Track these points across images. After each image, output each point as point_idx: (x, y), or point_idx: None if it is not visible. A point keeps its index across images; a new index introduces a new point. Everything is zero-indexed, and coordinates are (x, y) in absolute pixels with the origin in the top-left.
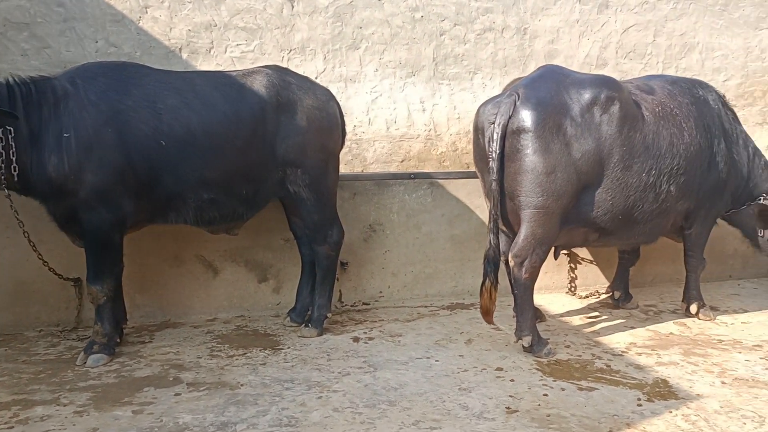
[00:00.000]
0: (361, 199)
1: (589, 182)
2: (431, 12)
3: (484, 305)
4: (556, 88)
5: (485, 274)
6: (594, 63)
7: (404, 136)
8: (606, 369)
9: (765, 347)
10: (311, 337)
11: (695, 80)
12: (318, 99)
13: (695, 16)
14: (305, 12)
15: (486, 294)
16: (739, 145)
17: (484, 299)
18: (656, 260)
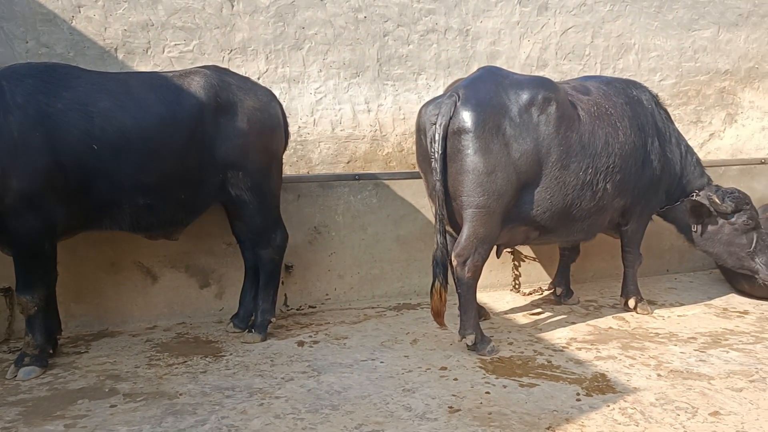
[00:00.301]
0: (306, 201)
1: (529, 181)
2: (374, 13)
3: (434, 307)
4: (495, 89)
5: (434, 276)
6: (535, 64)
7: (350, 137)
8: (547, 365)
9: (699, 339)
10: (255, 343)
11: (629, 81)
12: (259, 100)
13: (631, 17)
14: (246, 11)
15: (436, 295)
16: (672, 143)
17: (434, 301)
18: (596, 256)
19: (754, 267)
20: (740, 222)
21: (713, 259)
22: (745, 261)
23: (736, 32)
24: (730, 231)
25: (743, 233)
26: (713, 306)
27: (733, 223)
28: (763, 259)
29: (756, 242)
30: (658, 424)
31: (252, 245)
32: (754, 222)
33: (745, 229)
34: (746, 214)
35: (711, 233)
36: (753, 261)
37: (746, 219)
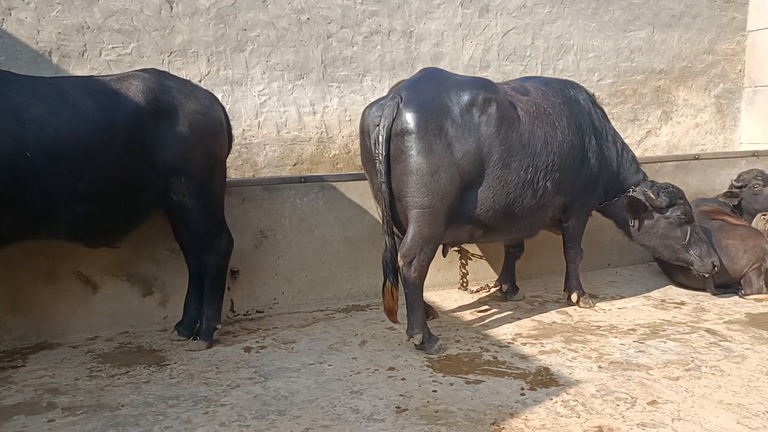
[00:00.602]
0: (251, 205)
1: (472, 181)
2: (317, 14)
3: (387, 306)
4: (437, 90)
5: (385, 276)
6: (478, 65)
7: (296, 139)
8: (493, 361)
9: (638, 331)
10: (200, 350)
11: (567, 81)
12: (200, 103)
13: (569, 19)
14: (185, 13)
15: (388, 294)
16: (608, 141)
17: (387, 300)
18: (541, 253)
19: (689, 259)
20: (675, 216)
21: (650, 252)
22: (680, 253)
23: (670, 32)
24: (665, 225)
25: (678, 226)
26: (652, 298)
27: (668, 217)
28: (696, 251)
29: (690, 235)
30: (598, 415)
31: (196, 251)
32: (688, 216)
33: (680, 222)
34: (680, 209)
35: (647, 227)
36: (687, 253)
37: (680, 213)
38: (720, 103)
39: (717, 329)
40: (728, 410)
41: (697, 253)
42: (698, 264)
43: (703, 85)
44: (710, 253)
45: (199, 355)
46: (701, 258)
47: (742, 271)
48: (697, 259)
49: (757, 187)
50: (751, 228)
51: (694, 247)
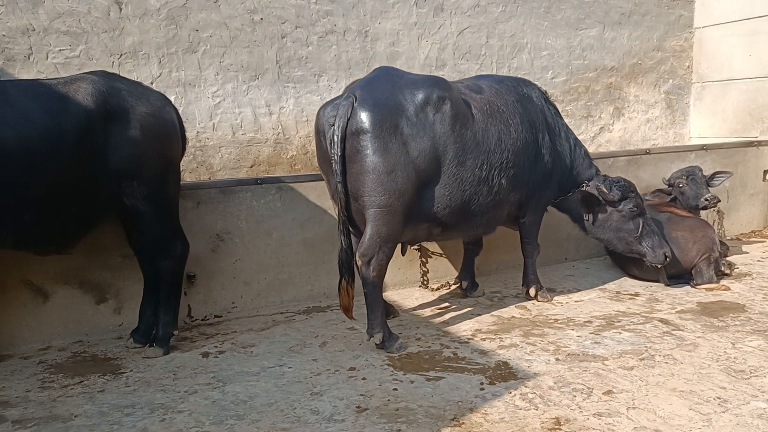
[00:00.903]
0: (206, 208)
1: (428, 179)
2: (271, 14)
3: (342, 303)
4: (391, 89)
5: (341, 275)
6: (434, 64)
7: (252, 140)
8: (453, 357)
9: (595, 322)
10: (157, 357)
11: (520, 79)
12: (152, 105)
13: (522, 18)
14: (135, 15)
15: (343, 292)
16: (561, 137)
17: (342, 297)
18: (499, 248)
19: (642, 250)
20: (627, 209)
21: (605, 245)
22: (633, 245)
23: (620, 30)
24: (618, 218)
25: (630, 219)
26: (607, 290)
27: (620, 210)
28: (649, 243)
29: (642, 227)
30: (556, 407)
31: (150, 256)
32: (640, 208)
33: (632, 215)
34: (632, 202)
35: (601, 221)
36: (640, 245)
37: (632, 206)
38: (670, 98)
39: (670, 319)
40: (681, 397)
41: (649, 245)
42: (651, 255)
43: (653, 82)
44: (662, 245)
45: (156, 362)
46: (653, 249)
47: (693, 262)
48: (650, 250)
49: (681, 185)
50: (699, 219)
51: (646, 239)
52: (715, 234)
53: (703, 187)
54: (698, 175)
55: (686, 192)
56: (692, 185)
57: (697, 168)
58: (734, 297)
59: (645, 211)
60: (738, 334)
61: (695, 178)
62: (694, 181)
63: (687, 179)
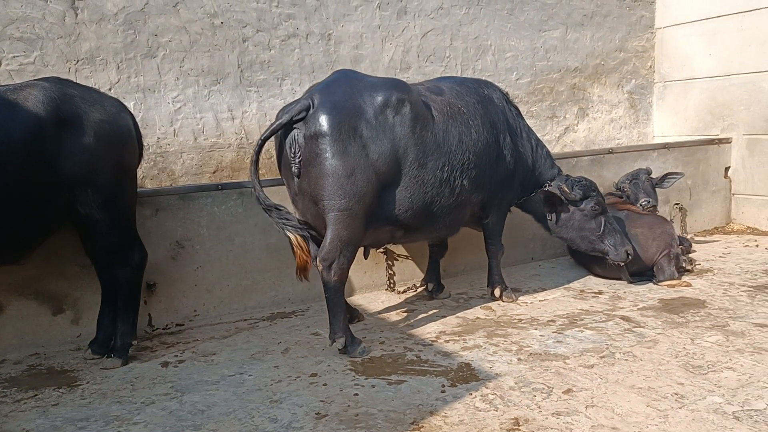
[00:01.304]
0: (165, 215)
1: (389, 182)
2: (231, 18)
3: (300, 262)
4: (350, 92)
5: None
6: (398, 67)
7: (214, 145)
8: (416, 360)
9: (558, 321)
10: (115, 368)
11: (481, 80)
12: (106, 112)
13: (486, 20)
14: (92, 20)
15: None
16: (523, 138)
17: (299, 255)
18: (466, 249)
19: (604, 249)
20: (588, 208)
21: (568, 244)
22: (596, 244)
23: (583, 31)
24: (580, 217)
25: (592, 218)
26: (572, 289)
27: (582, 210)
28: (611, 241)
29: (604, 226)
30: (515, 407)
31: (107, 265)
32: (601, 207)
33: (594, 214)
34: (593, 200)
35: (564, 220)
36: (603, 243)
37: (594, 204)
38: (633, 98)
39: (631, 316)
40: (639, 394)
41: (611, 243)
42: (613, 253)
43: (616, 82)
44: (624, 242)
45: (114, 373)
46: (616, 247)
47: (654, 258)
48: (612, 248)
49: (625, 190)
50: (657, 216)
51: (608, 237)
52: (673, 230)
53: (641, 192)
54: (641, 178)
55: (630, 196)
56: (634, 189)
57: (643, 171)
58: (695, 293)
59: (606, 209)
60: (697, 329)
61: (638, 181)
62: (636, 184)
63: (630, 183)
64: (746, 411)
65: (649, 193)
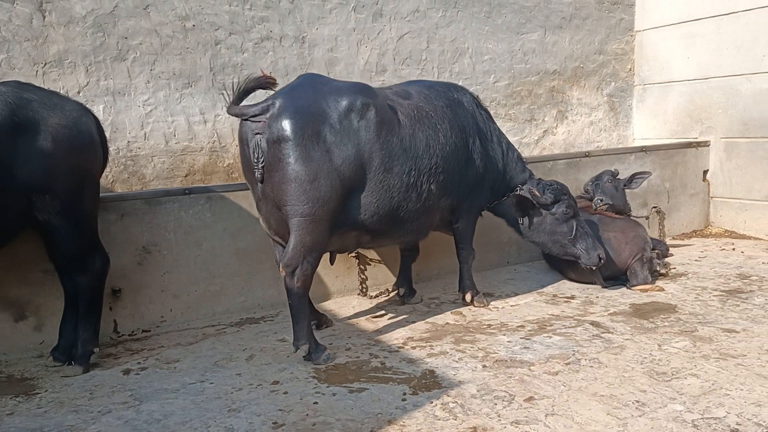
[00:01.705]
0: (131, 220)
1: (354, 187)
2: (203, 21)
3: None
4: (314, 96)
5: None
6: (374, 70)
7: (186, 149)
8: (380, 367)
9: (527, 327)
10: (76, 376)
11: (451, 84)
12: (66, 116)
13: (463, 23)
14: (60, 22)
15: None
16: (493, 142)
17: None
18: (440, 253)
19: (576, 253)
20: (560, 211)
21: (540, 248)
22: (567, 248)
23: (561, 34)
24: (552, 221)
25: (564, 222)
26: (545, 293)
27: (554, 213)
28: (583, 245)
29: (576, 229)
30: (475, 416)
31: (68, 272)
32: (573, 210)
33: (565, 217)
34: (565, 204)
35: (536, 224)
36: (575, 247)
37: (565, 208)
38: (612, 101)
39: (601, 321)
40: (600, 402)
41: (583, 247)
42: (585, 257)
43: (595, 85)
44: (596, 246)
45: (74, 381)
46: (587, 251)
47: (627, 263)
48: (584, 252)
49: (588, 192)
50: (629, 219)
51: (580, 241)
52: (647, 233)
53: (599, 191)
54: (603, 179)
55: (592, 197)
56: (594, 189)
57: (607, 172)
58: (667, 298)
59: (578, 213)
60: (666, 335)
61: (599, 182)
62: (597, 185)
63: (592, 184)
64: (706, 419)
65: (610, 193)
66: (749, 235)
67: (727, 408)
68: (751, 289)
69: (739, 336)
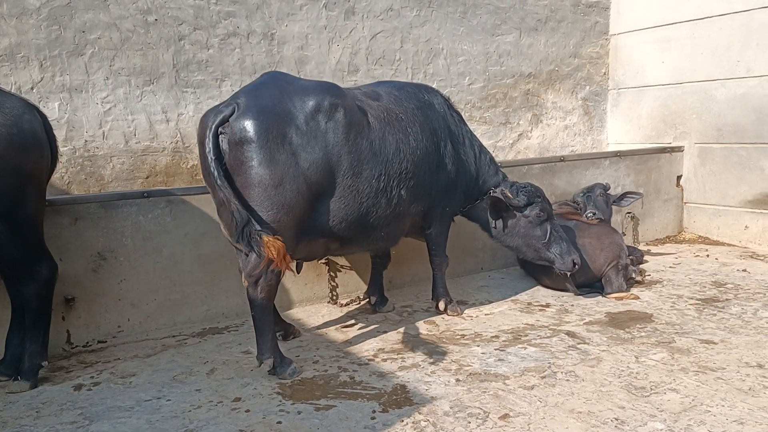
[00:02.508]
0: (85, 225)
1: (321, 192)
2: (166, 15)
3: (276, 257)
4: (279, 95)
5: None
6: (346, 69)
7: (147, 149)
8: (349, 381)
9: (501, 337)
10: (22, 392)
11: (421, 85)
12: (4, 114)
13: (438, 23)
14: (12, 14)
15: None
16: (465, 145)
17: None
18: (413, 260)
19: (550, 257)
20: (533, 214)
21: (515, 252)
22: (541, 252)
23: (537, 37)
24: (525, 224)
25: (537, 225)
26: (519, 301)
27: (527, 216)
28: (557, 249)
29: (550, 233)
30: None
31: (12, 281)
32: (547, 213)
33: (539, 220)
34: (538, 206)
35: (510, 227)
36: (549, 251)
37: (539, 211)
38: (587, 105)
39: (577, 331)
40: (578, 419)
41: (558, 251)
42: (559, 262)
43: (570, 88)
44: (570, 251)
45: (20, 397)
46: (562, 256)
47: (602, 270)
48: (558, 257)
49: (578, 202)
50: (606, 226)
51: (554, 246)
52: (622, 240)
53: (590, 204)
54: (596, 192)
55: (582, 208)
56: (585, 201)
57: (599, 185)
58: (643, 306)
59: (552, 216)
60: (643, 346)
61: (590, 195)
62: (589, 197)
63: (583, 196)
64: None
65: (601, 208)
66: (723, 241)
67: (709, 426)
68: (727, 298)
69: (717, 347)
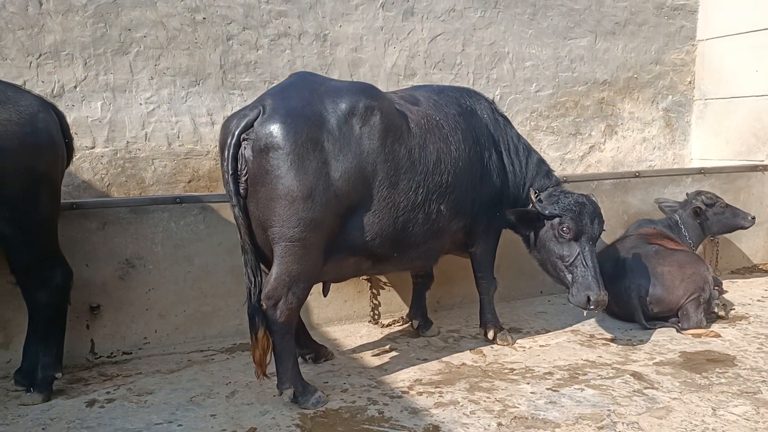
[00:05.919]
0: (114, 230)
1: (353, 205)
2: (215, 14)
3: (254, 357)
4: (309, 97)
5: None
6: (402, 73)
7: (191, 152)
8: (377, 417)
9: (556, 375)
10: (34, 405)
11: (463, 89)
12: (18, 112)
13: (504, 25)
14: (58, 11)
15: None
16: (511, 152)
17: (253, 350)
18: (464, 280)
19: (567, 282)
20: (558, 228)
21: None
22: (562, 273)
23: (614, 41)
24: (551, 237)
25: (565, 242)
26: (580, 332)
27: (553, 227)
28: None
29: (578, 256)
30: None
31: (25, 287)
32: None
33: (564, 237)
34: (568, 222)
35: (540, 238)
36: (567, 275)
37: (566, 227)
38: (669, 116)
39: (644, 373)
40: None
41: (577, 279)
42: (573, 291)
43: (650, 98)
44: (591, 286)
45: (30, 411)
46: (578, 286)
47: (679, 302)
48: (574, 286)
49: (722, 207)
50: (690, 253)
51: (577, 271)
52: (708, 272)
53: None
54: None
55: (724, 214)
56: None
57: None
58: (724, 346)
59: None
60: (722, 395)
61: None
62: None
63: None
64: None
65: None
66: None
67: None
68: None
69: None
